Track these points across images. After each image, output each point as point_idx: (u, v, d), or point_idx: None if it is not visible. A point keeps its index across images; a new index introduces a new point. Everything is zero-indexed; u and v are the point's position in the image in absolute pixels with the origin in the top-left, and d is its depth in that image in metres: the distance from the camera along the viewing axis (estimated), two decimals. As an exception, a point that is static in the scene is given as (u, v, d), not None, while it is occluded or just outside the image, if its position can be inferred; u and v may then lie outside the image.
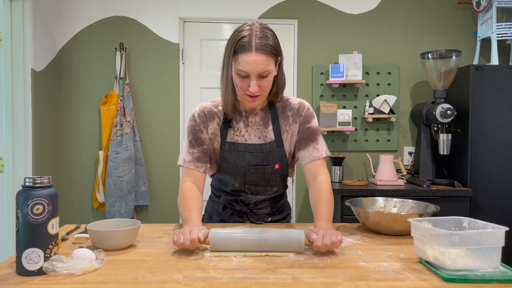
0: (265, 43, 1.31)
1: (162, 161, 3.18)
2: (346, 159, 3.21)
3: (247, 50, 1.30)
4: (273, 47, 1.33)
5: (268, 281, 0.98)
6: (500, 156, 2.77)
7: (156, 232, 1.44)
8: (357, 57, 3.08)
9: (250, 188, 1.52)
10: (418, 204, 1.53)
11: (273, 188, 1.54)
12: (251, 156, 1.47)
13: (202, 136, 1.47)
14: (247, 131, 1.48)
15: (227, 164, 1.48)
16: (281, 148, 1.49)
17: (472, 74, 2.77)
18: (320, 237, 1.17)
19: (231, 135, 1.48)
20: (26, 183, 1.02)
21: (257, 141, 1.48)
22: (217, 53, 3.22)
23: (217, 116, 1.48)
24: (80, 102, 3.14)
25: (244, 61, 1.30)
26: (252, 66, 1.30)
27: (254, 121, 1.49)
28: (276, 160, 1.48)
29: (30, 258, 1.00)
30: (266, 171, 1.48)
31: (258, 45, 1.30)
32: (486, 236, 1.04)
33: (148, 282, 0.97)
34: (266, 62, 1.31)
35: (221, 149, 1.48)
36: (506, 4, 2.90)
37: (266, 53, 1.31)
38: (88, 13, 3.11)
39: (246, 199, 1.54)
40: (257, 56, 1.30)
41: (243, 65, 1.31)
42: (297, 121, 1.50)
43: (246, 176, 1.48)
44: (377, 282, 0.98)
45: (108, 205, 2.97)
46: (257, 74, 1.32)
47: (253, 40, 1.31)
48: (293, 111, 1.51)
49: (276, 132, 1.48)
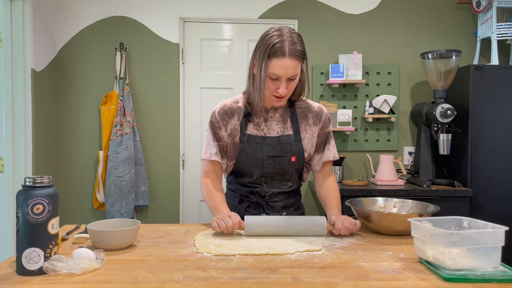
0: (296, 49, 1.40)
1: (162, 161, 3.18)
2: (346, 159, 3.21)
3: (280, 55, 1.39)
4: (302, 52, 1.43)
5: (268, 281, 0.98)
6: (500, 156, 2.77)
7: (156, 232, 1.44)
8: (357, 57, 3.08)
9: (267, 181, 1.57)
10: (418, 204, 1.53)
11: (289, 182, 1.60)
12: (269, 147, 1.54)
13: (220, 133, 1.56)
14: (266, 125, 1.57)
15: (246, 155, 1.54)
16: (299, 143, 1.56)
17: (472, 74, 2.77)
18: (340, 221, 1.37)
19: (250, 128, 1.56)
20: (26, 183, 1.02)
21: (275, 134, 1.56)
22: (217, 53, 3.22)
23: (237, 112, 1.57)
24: (80, 102, 3.14)
25: (277, 65, 1.40)
26: (285, 70, 1.40)
27: (274, 116, 1.58)
28: (293, 153, 1.55)
29: (30, 257, 1.00)
30: (282, 162, 1.54)
31: (291, 51, 1.39)
32: (486, 236, 1.05)
33: (148, 282, 0.97)
34: (296, 66, 1.42)
35: (240, 141, 1.55)
36: (506, 4, 2.90)
37: (297, 58, 1.41)
38: (88, 13, 3.12)
39: (262, 191, 1.59)
40: (289, 61, 1.39)
41: (276, 69, 1.40)
42: (318, 124, 1.61)
43: (263, 167, 1.54)
44: (377, 282, 0.98)
45: (108, 205, 2.97)
46: (288, 78, 1.42)
47: (286, 46, 1.39)
48: (314, 114, 1.61)
49: (294, 128, 1.57)
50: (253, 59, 1.49)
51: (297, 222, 1.36)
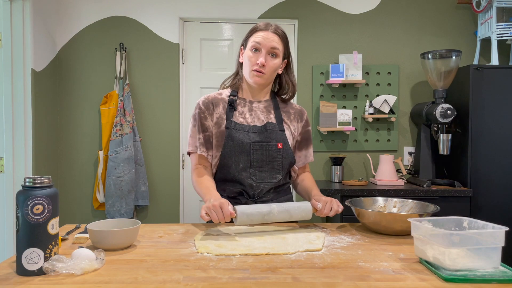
0: (278, 28, 1.59)
1: (162, 161, 3.18)
2: (346, 159, 3.21)
3: (263, 29, 1.57)
4: (284, 36, 1.60)
5: (268, 281, 0.98)
6: (500, 156, 2.77)
7: (156, 232, 1.44)
8: (357, 57, 3.08)
9: (255, 173, 1.57)
10: (418, 204, 1.53)
11: (278, 175, 1.60)
12: (255, 134, 1.58)
13: (206, 123, 1.60)
14: (251, 114, 1.62)
15: (233, 141, 1.55)
16: (283, 132, 1.61)
17: (472, 74, 2.77)
18: (323, 204, 1.45)
19: (236, 117, 1.60)
20: (26, 183, 1.02)
21: (261, 123, 1.61)
22: (217, 53, 3.22)
23: (222, 102, 1.63)
24: (80, 102, 3.14)
25: (259, 35, 1.55)
26: (266, 40, 1.54)
27: (258, 107, 1.64)
28: (278, 139, 1.59)
29: (30, 258, 1.00)
30: (270, 148, 1.57)
31: (273, 28, 1.58)
32: (486, 236, 1.04)
33: (148, 282, 0.97)
34: (277, 41, 1.56)
35: (227, 128, 1.57)
36: (506, 4, 2.90)
37: (278, 36, 1.57)
38: (88, 13, 3.12)
39: (250, 189, 1.58)
40: (271, 34, 1.56)
41: (257, 38, 1.55)
42: (299, 122, 1.69)
43: (251, 154, 1.56)
44: (377, 282, 0.98)
45: (108, 205, 2.97)
46: (268, 49, 1.54)
47: (269, 25, 1.58)
48: (296, 111, 1.70)
49: (278, 119, 1.63)
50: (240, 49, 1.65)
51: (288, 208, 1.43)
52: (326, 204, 1.45)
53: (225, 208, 1.32)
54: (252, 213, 1.37)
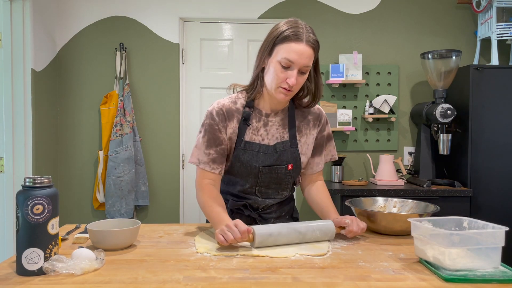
0: (312, 37, 1.32)
1: (162, 161, 3.18)
2: (346, 159, 3.21)
3: (296, 40, 1.30)
4: (318, 45, 1.35)
5: (268, 281, 0.98)
6: (500, 156, 2.77)
7: (156, 232, 1.44)
8: (357, 57, 3.08)
9: (261, 190, 1.48)
10: (418, 204, 1.53)
11: (284, 192, 1.52)
12: (265, 156, 1.44)
13: (221, 136, 1.42)
14: (265, 130, 1.45)
15: (240, 163, 1.43)
16: (295, 149, 1.47)
17: (472, 74, 2.77)
18: (353, 223, 1.33)
19: (249, 134, 1.44)
20: (26, 183, 1.02)
21: (274, 141, 1.46)
22: (217, 53, 3.22)
23: (236, 114, 1.44)
24: (80, 102, 3.14)
25: (293, 49, 1.29)
26: (300, 57, 1.30)
27: (273, 120, 1.47)
28: (289, 160, 1.46)
29: (30, 258, 1.00)
30: (279, 171, 1.45)
31: (308, 37, 1.31)
32: (486, 236, 1.04)
33: (148, 282, 0.97)
34: (311, 56, 1.32)
35: (235, 147, 1.43)
36: (506, 4, 2.90)
37: (312, 48, 1.32)
38: (88, 13, 3.11)
39: (255, 203, 1.50)
40: (305, 47, 1.30)
41: (291, 54, 1.29)
42: (318, 127, 1.53)
43: (258, 176, 1.44)
44: (377, 282, 0.98)
45: (108, 205, 2.97)
46: (300, 67, 1.31)
47: (303, 33, 1.31)
48: (314, 116, 1.53)
49: (291, 134, 1.47)
50: (262, 51, 1.38)
51: (309, 230, 1.29)
52: (352, 221, 1.34)
53: (240, 225, 1.22)
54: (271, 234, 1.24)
